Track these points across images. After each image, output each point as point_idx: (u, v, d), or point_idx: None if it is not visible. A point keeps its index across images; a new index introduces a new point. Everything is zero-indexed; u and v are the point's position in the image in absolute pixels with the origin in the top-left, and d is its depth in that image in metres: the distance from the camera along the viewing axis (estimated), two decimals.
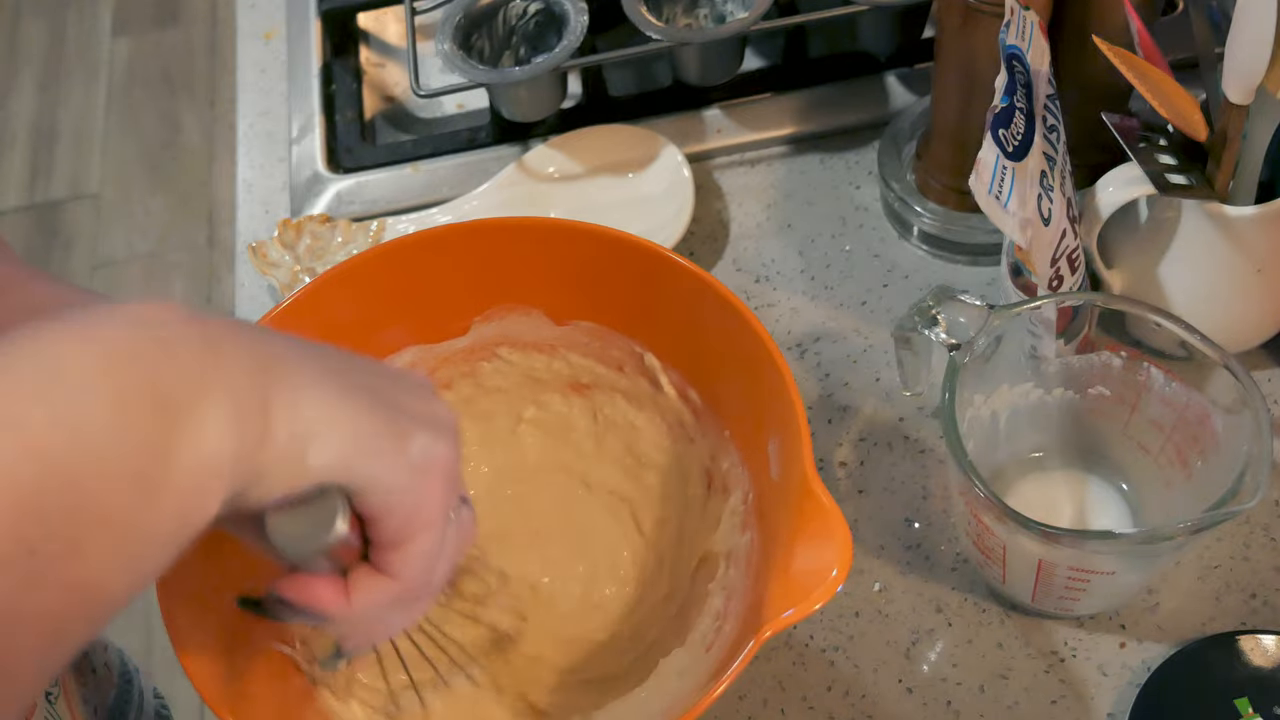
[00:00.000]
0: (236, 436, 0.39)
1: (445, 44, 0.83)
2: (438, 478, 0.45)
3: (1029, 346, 0.64)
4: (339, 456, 0.42)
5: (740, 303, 0.60)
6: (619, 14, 0.83)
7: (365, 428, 0.43)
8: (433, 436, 0.45)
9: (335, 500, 0.43)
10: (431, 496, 0.45)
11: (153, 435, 0.37)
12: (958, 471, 0.57)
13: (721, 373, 0.63)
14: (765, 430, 0.60)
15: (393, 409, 0.44)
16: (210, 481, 0.39)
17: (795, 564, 0.53)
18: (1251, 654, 0.61)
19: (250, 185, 0.90)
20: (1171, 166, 0.63)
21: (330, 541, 0.43)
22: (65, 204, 2.15)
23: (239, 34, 0.99)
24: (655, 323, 0.66)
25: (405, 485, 0.44)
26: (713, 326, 0.61)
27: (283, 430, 0.40)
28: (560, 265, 0.65)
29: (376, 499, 0.44)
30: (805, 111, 0.86)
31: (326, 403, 0.42)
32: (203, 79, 2.28)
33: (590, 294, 0.66)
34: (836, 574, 0.51)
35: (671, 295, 0.63)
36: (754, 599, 0.57)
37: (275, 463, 0.40)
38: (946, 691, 0.63)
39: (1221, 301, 0.67)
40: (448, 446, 0.46)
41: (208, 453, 0.38)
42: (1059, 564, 0.58)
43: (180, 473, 0.38)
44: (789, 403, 0.56)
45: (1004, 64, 0.58)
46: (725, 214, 0.83)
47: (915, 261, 0.79)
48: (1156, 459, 0.63)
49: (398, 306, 0.66)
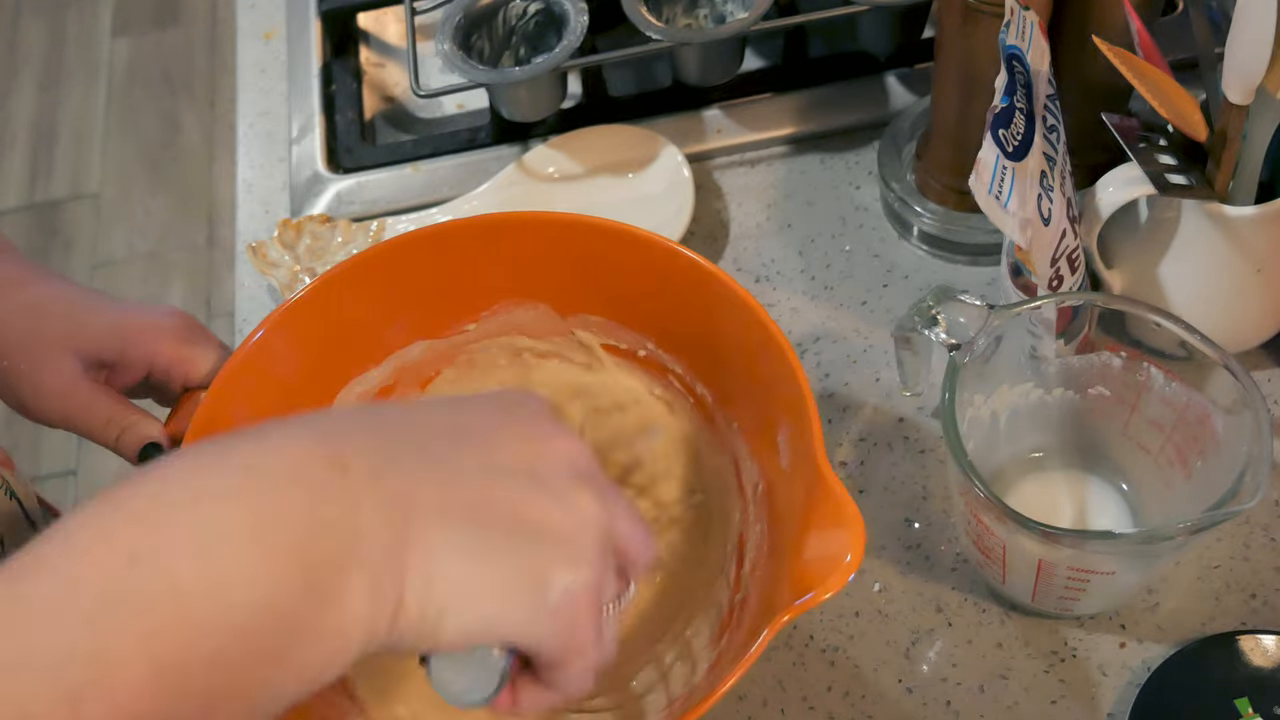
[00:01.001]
0: (372, 610, 0.39)
1: (445, 44, 0.83)
2: (582, 611, 0.43)
3: (1029, 346, 0.64)
4: (476, 623, 0.41)
5: (748, 294, 0.59)
6: (619, 14, 0.83)
7: (499, 588, 0.41)
8: (570, 567, 0.43)
9: (493, 653, 0.43)
10: (578, 630, 0.43)
11: (296, 611, 0.38)
12: (958, 471, 0.57)
13: (729, 365, 0.63)
14: (774, 421, 0.60)
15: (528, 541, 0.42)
16: (342, 652, 0.39)
17: (807, 552, 0.53)
18: (1251, 654, 0.61)
19: (250, 185, 0.90)
20: (1171, 166, 0.63)
21: (490, 696, 0.43)
22: (65, 204, 2.15)
23: (239, 34, 0.99)
24: (661, 316, 0.66)
25: (550, 631, 0.43)
26: (720, 319, 0.61)
27: (414, 605, 0.40)
28: (565, 259, 0.65)
29: (525, 645, 0.43)
30: (805, 111, 0.86)
31: (459, 565, 0.41)
32: (203, 79, 2.28)
33: (596, 287, 0.66)
34: (850, 559, 0.50)
35: (678, 288, 0.63)
36: (765, 590, 0.57)
37: (410, 634, 0.40)
38: (946, 691, 0.63)
39: (1221, 301, 0.67)
40: (589, 570, 0.43)
41: (344, 625, 0.39)
42: (1059, 564, 0.58)
43: (315, 646, 0.38)
44: (798, 393, 0.56)
45: (1004, 64, 0.58)
46: (725, 214, 0.83)
47: (915, 261, 0.79)
48: (1156, 459, 0.63)
49: (406, 301, 0.66)
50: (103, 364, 0.63)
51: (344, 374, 0.66)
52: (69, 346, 0.62)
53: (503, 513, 0.42)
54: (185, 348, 0.63)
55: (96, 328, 0.63)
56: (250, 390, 0.61)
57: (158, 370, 0.64)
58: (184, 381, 0.64)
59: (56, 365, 0.62)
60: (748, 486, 0.64)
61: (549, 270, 0.66)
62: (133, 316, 0.64)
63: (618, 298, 0.66)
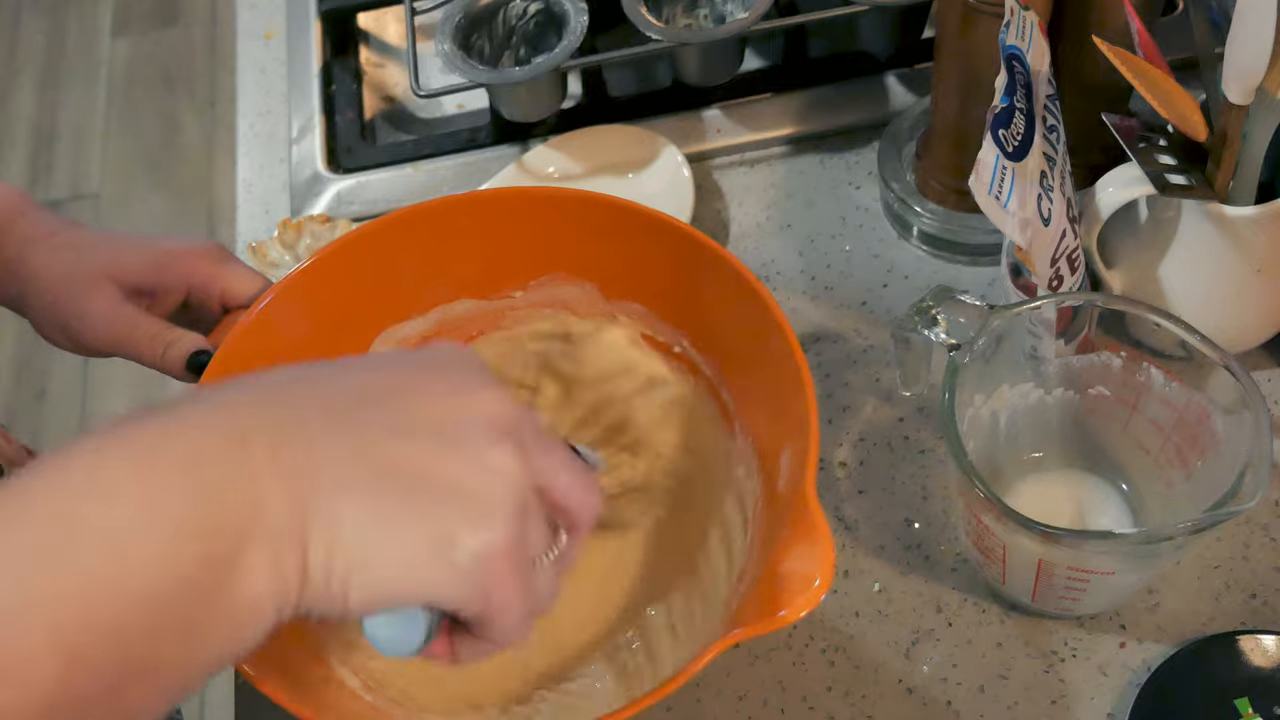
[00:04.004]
0: (277, 581, 0.39)
1: (445, 44, 0.83)
2: (497, 568, 0.42)
3: (1029, 346, 0.64)
4: (380, 590, 0.41)
5: (783, 316, 0.60)
6: (619, 14, 0.83)
7: (401, 553, 0.41)
8: (476, 528, 0.41)
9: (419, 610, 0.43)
10: (497, 588, 0.42)
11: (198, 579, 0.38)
12: (958, 471, 0.57)
13: (753, 380, 0.64)
14: (781, 441, 0.60)
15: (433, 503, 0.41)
16: (255, 623, 0.39)
17: (780, 574, 0.53)
18: (1251, 654, 0.61)
19: (250, 185, 0.90)
20: (1171, 166, 0.63)
21: (417, 649, 0.43)
22: (65, 204, 2.15)
23: (239, 34, 0.99)
24: (699, 318, 0.66)
25: (465, 591, 0.42)
26: (754, 333, 0.62)
27: (319, 573, 0.40)
28: (615, 243, 0.66)
29: (442, 605, 0.43)
30: (805, 111, 0.86)
31: (360, 532, 0.40)
32: (203, 79, 2.28)
33: (642, 276, 0.67)
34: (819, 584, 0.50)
35: (719, 295, 0.64)
36: (735, 606, 0.58)
37: (320, 603, 0.40)
38: (946, 691, 0.63)
39: (1221, 301, 0.67)
40: (501, 528, 0.42)
41: (251, 596, 0.39)
42: (1059, 564, 0.58)
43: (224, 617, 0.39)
44: (806, 419, 0.56)
45: (1004, 64, 0.58)
46: (725, 214, 0.83)
47: (915, 261, 0.79)
48: (1156, 459, 0.63)
49: (450, 259, 0.68)
50: (142, 291, 0.65)
51: (383, 320, 0.69)
52: (109, 276, 0.64)
53: (408, 475, 0.41)
54: (222, 267, 0.65)
55: (134, 257, 0.65)
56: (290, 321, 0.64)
57: (196, 290, 0.65)
58: (223, 300, 0.65)
59: (99, 293, 0.64)
60: (748, 500, 0.64)
61: (600, 251, 0.67)
62: (168, 244, 0.66)
63: (661, 290, 0.67)
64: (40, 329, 0.66)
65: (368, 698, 0.60)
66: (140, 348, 0.64)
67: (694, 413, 0.68)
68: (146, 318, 0.64)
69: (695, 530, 0.66)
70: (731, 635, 0.51)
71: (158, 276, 0.65)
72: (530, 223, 0.67)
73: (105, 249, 0.65)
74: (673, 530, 0.66)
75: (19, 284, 0.65)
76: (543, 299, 0.70)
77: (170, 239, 0.67)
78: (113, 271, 0.64)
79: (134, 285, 0.65)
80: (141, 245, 0.66)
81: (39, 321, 0.66)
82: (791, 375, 0.58)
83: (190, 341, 0.64)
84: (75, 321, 0.64)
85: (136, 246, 0.66)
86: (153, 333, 0.64)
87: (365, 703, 0.60)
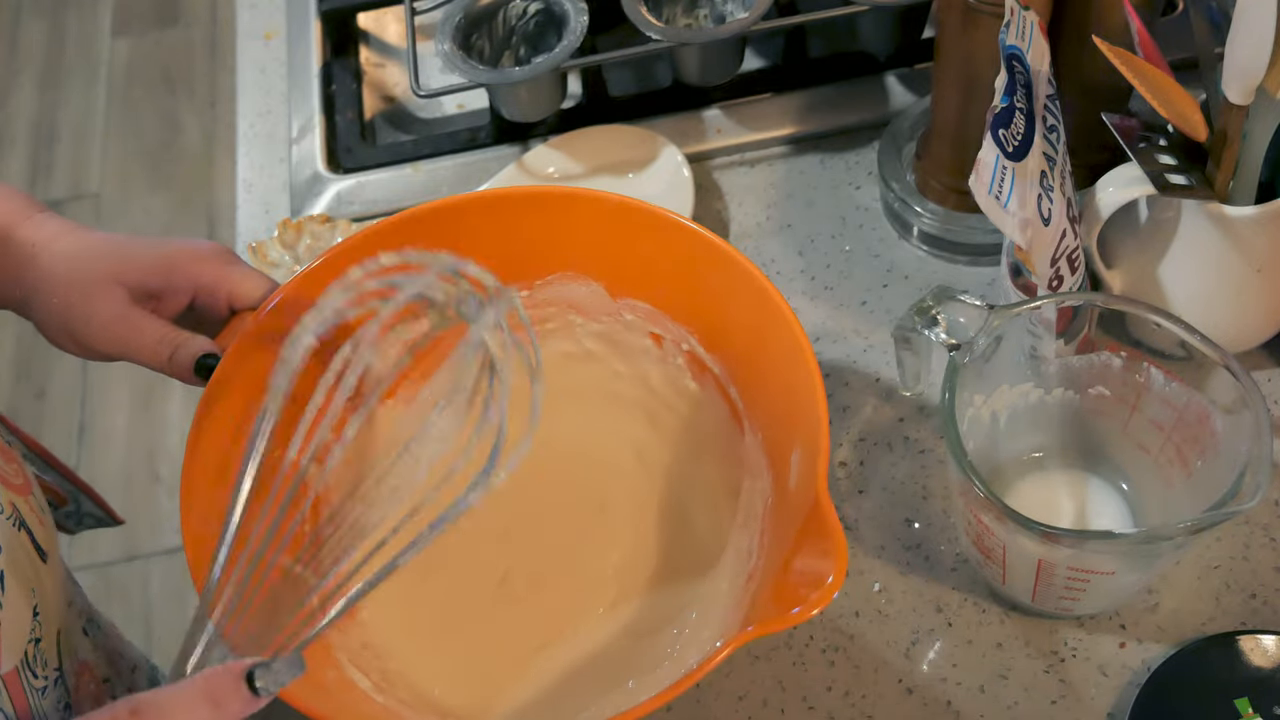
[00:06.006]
0: None
1: (445, 44, 0.83)
2: None
3: (1029, 346, 0.64)
4: None
5: (793, 315, 0.60)
6: (619, 14, 0.83)
7: None
8: None
9: None
10: None
11: None
12: (958, 471, 0.57)
13: (763, 378, 0.64)
14: (792, 441, 0.60)
15: None
16: None
17: (790, 576, 0.53)
18: (1251, 654, 0.61)
19: (250, 185, 0.90)
20: (1171, 166, 0.63)
21: None
22: (65, 204, 2.14)
23: (239, 34, 0.99)
24: (708, 317, 0.66)
25: None
26: (763, 332, 0.62)
27: None
28: (620, 240, 0.66)
29: None
30: (805, 111, 0.86)
31: None
32: (203, 79, 2.28)
33: (647, 274, 0.67)
34: (832, 580, 0.50)
35: (729, 295, 0.63)
36: (747, 604, 0.57)
37: None
38: (946, 691, 0.63)
39: (1221, 301, 0.67)
40: None
41: None
42: (1059, 564, 0.58)
43: None
44: (817, 419, 0.56)
45: (1004, 64, 0.58)
46: (725, 214, 0.83)
47: (915, 261, 0.79)
48: (1156, 459, 0.63)
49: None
50: (149, 294, 0.65)
51: (391, 319, 0.67)
52: (116, 278, 0.64)
53: None
54: (229, 268, 0.65)
55: (141, 259, 0.65)
56: None
57: (203, 292, 0.65)
58: (230, 302, 0.65)
59: (105, 296, 0.64)
60: (758, 499, 0.64)
61: (608, 250, 0.67)
62: (174, 246, 0.66)
63: (669, 289, 0.67)
64: (46, 333, 0.66)
65: (379, 699, 0.60)
66: (147, 351, 0.64)
67: (701, 419, 0.68)
68: (153, 321, 0.64)
69: (701, 529, 0.66)
70: (744, 633, 0.51)
71: (164, 279, 0.65)
72: (538, 222, 0.66)
73: (111, 252, 0.65)
74: (678, 531, 0.67)
75: (25, 289, 0.65)
76: (550, 298, 0.70)
77: (176, 241, 0.67)
78: (119, 275, 0.64)
79: (140, 288, 0.65)
80: (147, 248, 0.66)
81: (45, 326, 0.66)
82: (802, 374, 0.58)
83: (198, 344, 0.63)
84: (82, 326, 0.64)
85: (142, 249, 0.66)
86: (160, 336, 0.64)
87: (377, 704, 0.60)
